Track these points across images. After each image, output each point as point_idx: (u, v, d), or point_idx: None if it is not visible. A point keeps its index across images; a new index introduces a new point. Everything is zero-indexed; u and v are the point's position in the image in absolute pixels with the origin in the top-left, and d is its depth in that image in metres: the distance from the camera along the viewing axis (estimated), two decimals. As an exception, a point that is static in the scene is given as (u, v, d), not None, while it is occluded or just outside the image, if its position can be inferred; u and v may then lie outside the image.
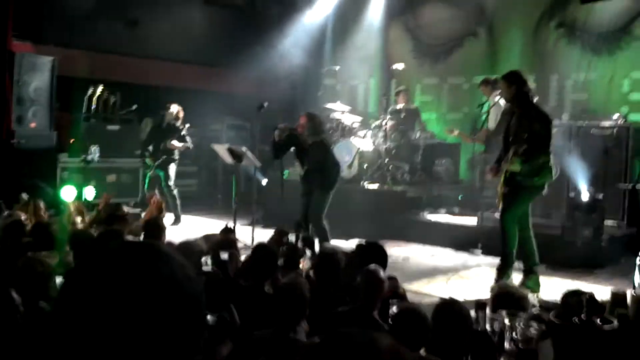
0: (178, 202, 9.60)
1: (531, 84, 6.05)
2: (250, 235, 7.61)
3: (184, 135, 9.65)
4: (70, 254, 4.75)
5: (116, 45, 11.39)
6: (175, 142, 9.51)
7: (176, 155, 9.67)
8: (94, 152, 9.45)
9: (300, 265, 5.06)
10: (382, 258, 4.56)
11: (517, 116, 6.01)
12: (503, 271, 6.07)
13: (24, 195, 6.67)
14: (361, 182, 9.60)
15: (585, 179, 7.56)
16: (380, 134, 9.99)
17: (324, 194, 7.34)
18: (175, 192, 9.60)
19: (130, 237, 5.36)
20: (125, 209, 5.91)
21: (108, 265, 1.13)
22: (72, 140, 9.73)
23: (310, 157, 7.40)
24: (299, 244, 5.55)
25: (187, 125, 9.81)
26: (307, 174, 7.48)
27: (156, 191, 9.40)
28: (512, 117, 6.14)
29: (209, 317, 3.45)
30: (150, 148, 9.69)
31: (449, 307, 3.43)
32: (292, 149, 7.74)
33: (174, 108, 9.65)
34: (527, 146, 5.79)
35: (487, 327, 3.47)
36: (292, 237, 5.77)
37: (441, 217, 9.12)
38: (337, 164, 7.63)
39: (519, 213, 6.12)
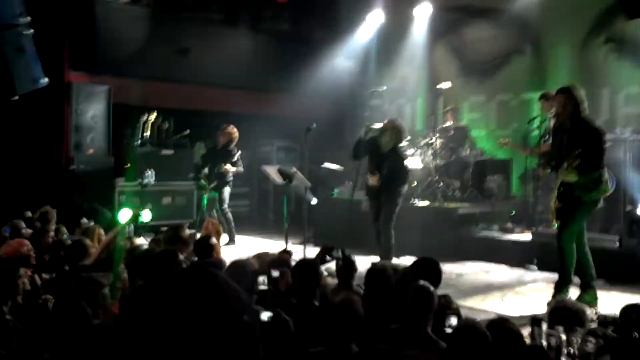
0: (232, 223, 9.77)
1: (584, 98, 5.98)
2: (302, 254, 7.67)
3: (237, 160, 9.81)
4: (125, 271, 4.87)
5: (168, 73, 11.70)
6: (229, 166, 9.69)
7: (230, 178, 9.84)
8: (150, 175, 9.71)
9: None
10: (435, 274, 4.54)
11: (570, 131, 5.93)
12: (561, 288, 5.96)
13: (84, 220, 6.89)
14: (412, 200, 9.58)
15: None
16: (430, 151, 9.97)
17: (396, 200, 7.60)
18: (229, 214, 9.78)
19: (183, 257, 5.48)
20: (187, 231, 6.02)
21: (172, 291, 1.20)
22: (128, 165, 10.03)
23: (389, 163, 7.57)
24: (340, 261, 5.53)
25: (240, 152, 9.96)
26: (381, 179, 7.60)
27: (212, 212, 9.60)
28: (564, 132, 6.06)
29: (263, 314, 3.50)
30: (206, 170, 9.89)
31: (499, 326, 3.41)
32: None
33: (230, 130, 9.81)
34: (581, 160, 5.71)
35: (544, 342, 3.44)
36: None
37: (494, 233, 9.02)
38: (409, 174, 7.92)
39: (576, 229, 6.01)
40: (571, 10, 10.26)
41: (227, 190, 9.80)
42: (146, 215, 8.77)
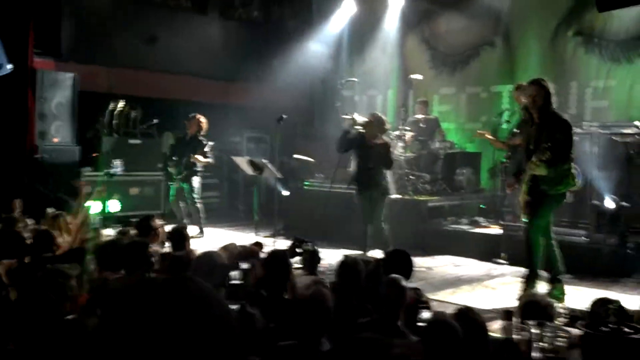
0: (202, 215, 9.60)
1: (553, 91, 6.01)
2: (273, 246, 7.61)
3: (207, 151, 9.61)
4: (93, 263, 4.78)
5: (136, 61, 11.52)
6: (199, 157, 9.47)
7: (199, 168, 9.65)
8: (117, 165, 9.53)
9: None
10: (406, 266, 4.54)
11: (538, 124, 5.94)
12: (530, 281, 6.00)
13: (50, 210, 6.73)
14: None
15: (610, 187, 7.48)
16: (400, 144, 9.97)
17: (385, 195, 7.72)
18: (199, 204, 9.61)
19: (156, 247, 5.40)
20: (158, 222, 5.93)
21: (156, 301, 1.15)
22: (95, 155, 9.84)
23: (375, 156, 7.65)
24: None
25: (212, 143, 9.76)
26: (367, 172, 7.71)
27: (179, 203, 9.46)
28: (532, 125, 6.07)
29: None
30: (174, 159, 9.69)
31: (464, 315, 3.42)
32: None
33: (199, 119, 9.62)
34: (549, 154, 5.71)
35: (515, 336, 3.44)
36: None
37: (464, 227, 9.07)
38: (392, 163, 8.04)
39: (543, 223, 6.05)
40: (541, 3, 10.35)
41: (196, 180, 9.61)
42: (114, 206, 8.67)
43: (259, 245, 5.93)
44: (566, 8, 10.05)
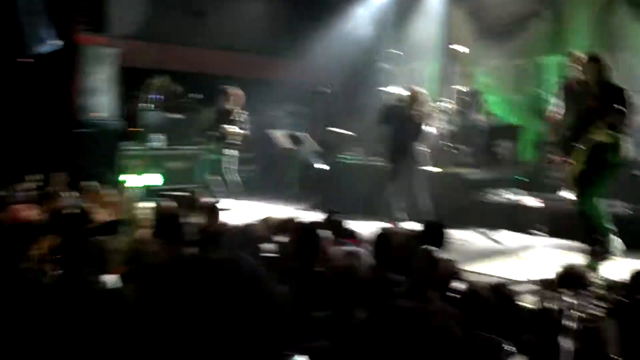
0: (236, 188, 9.56)
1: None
2: (310, 220, 7.62)
3: (243, 122, 9.61)
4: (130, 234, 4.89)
5: (179, 36, 11.59)
6: (234, 128, 9.47)
7: (235, 140, 9.67)
8: (158, 140, 9.66)
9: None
10: (440, 237, 4.50)
11: (599, 96, 5.82)
12: (598, 256, 5.90)
13: (89, 183, 6.86)
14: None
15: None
16: (442, 116, 9.85)
17: (417, 164, 7.92)
18: (235, 176, 9.63)
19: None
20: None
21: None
22: (138, 129, 9.98)
23: (410, 129, 7.85)
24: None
25: (246, 115, 9.78)
26: (401, 145, 7.88)
27: (215, 176, 9.47)
28: (590, 98, 5.90)
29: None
30: (210, 132, 9.71)
31: (497, 290, 3.38)
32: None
33: (235, 92, 9.61)
34: (614, 118, 5.64)
35: (552, 305, 3.38)
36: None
37: (505, 199, 8.93)
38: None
39: (601, 194, 5.96)
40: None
41: (233, 153, 9.62)
42: (155, 179, 8.80)
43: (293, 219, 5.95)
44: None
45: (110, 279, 3.84)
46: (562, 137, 6.28)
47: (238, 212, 9.30)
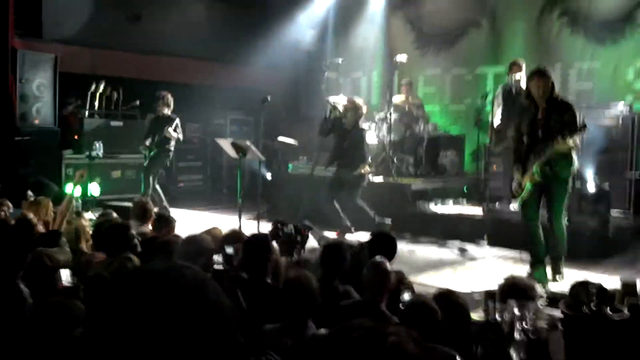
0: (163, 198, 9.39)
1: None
2: (256, 229, 7.59)
3: (176, 126, 9.39)
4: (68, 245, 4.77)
5: (118, 41, 11.37)
6: (170, 131, 9.31)
7: (170, 146, 9.51)
8: (98, 148, 9.43)
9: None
10: (391, 248, 4.55)
11: (546, 110, 5.92)
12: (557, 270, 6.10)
13: (30, 193, 6.66)
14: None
15: (591, 169, 7.53)
16: (384, 126, 9.96)
17: (359, 178, 7.97)
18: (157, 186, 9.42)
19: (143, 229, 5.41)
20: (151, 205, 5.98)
21: (153, 289, 1.12)
22: (76, 137, 9.73)
23: (352, 139, 8.01)
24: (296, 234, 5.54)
25: (177, 120, 9.56)
26: (343, 154, 8.07)
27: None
28: (535, 111, 6.00)
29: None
30: (149, 141, 9.53)
31: (445, 297, 3.44)
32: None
33: (166, 96, 9.46)
34: (566, 128, 5.74)
35: (497, 317, 3.46)
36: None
37: (447, 209, 9.10)
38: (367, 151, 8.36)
39: (563, 208, 6.11)
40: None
41: (165, 161, 9.49)
42: (95, 189, 8.60)
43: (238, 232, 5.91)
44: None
45: (65, 274, 3.75)
46: (514, 147, 6.38)
47: (183, 221, 9.20)
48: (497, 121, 8.39)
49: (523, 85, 7.56)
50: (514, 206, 6.42)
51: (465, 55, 11.25)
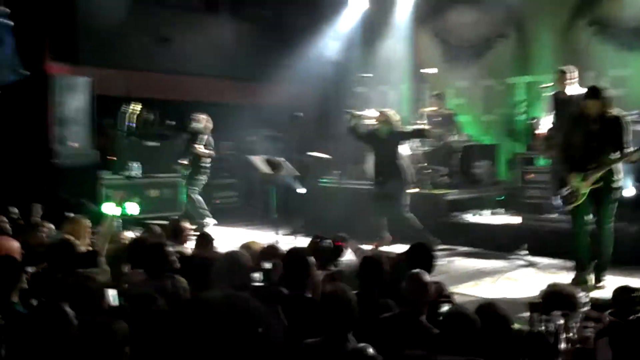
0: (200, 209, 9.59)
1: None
2: (293, 244, 7.61)
3: (207, 144, 9.56)
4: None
5: (150, 63, 11.58)
6: (198, 148, 9.44)
7: (205, 164, 9.64)
8: (135, 168, 9.60)
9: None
10: (429, 260, 4.52)
11: (600, 123, 6.14)
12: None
13: (70, 215, 6.77)
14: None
15: (629, 174, 7.43)
16: (418, 138, 9.95)
17: (403, 185, 7.99)
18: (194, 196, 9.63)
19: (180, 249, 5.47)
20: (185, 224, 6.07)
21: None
22: (113, 158, 9.90)
23: (389, 150, 8.06)
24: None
25: (210, 138, 9.71)
26: (382, 166, 8.11)
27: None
28: (590, 124, 6.18)
29: None
30: (185, 160, 9.71)
31: (486, 309, 3.41)
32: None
33: (201, 118, 9.63)
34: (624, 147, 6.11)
35: (542, 328, 3.42)
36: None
37: (484, 219, 9.03)
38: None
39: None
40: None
41: (201, 179, 9.66)
42: (133, 208, 8.70)
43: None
44: (580, -3, 9.98)
45: (111, 293, 3.81)
46: (564, 155, 6.47)
47: (219, 239, 9.27)
48: (547, 128, 8.37)
49: (571, 91, 7.76)
50: (557, 202, 6.49)
51: (494, 66, 11.21)
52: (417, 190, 8.85)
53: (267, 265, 4.55)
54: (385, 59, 12.50)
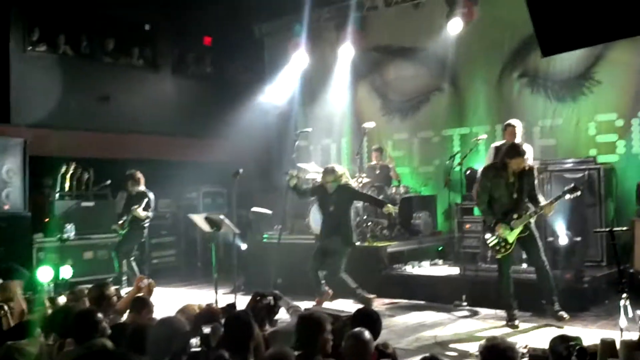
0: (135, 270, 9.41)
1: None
2: (234, 303, 7.48)
3: (146, 204, 9.42)
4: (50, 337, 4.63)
5: (87, 122, 11.44)
6: (139, 211, 9.33)
7: (144, 223, 9.49)
8: (70, 230, 9.36)
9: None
10: (375, 326, 4.43)
11: (519, 177, 6.67)
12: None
13: (3, 282, 6.50)
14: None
15: (562, 223, 7.64)
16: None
17: (346, 246, 7.89)
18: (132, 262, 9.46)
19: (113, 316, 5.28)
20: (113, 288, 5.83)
21: None
22: (47, 220, 9.64)
23: (337, 200, 7.97)
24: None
25: (151, 196, 9.57)
26: (329, 219, 8.03)
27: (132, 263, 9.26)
28: (510, 178, 6.67)
29: None
30: (122, 220, 9.54)
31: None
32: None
33: (133, 174, 9.52)
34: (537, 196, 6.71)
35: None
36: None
37: (423, 271, 9.09)
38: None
39: None
40: (486, 47, 10.65)
41: (139, 237, 9.52)
42: (66, 272, 8.45)
43: (232, 306, 5.81)
44: (510, 51, 10.38)
45: None
46: (489, 209, 6.82)
47: (158, 300, 9.05)
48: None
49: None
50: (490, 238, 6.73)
51: (431, 118, 11.50)
52: (358, 243, 8.85)
53: (206, 329, 4.41)
54: (326, 113, 12.68)
